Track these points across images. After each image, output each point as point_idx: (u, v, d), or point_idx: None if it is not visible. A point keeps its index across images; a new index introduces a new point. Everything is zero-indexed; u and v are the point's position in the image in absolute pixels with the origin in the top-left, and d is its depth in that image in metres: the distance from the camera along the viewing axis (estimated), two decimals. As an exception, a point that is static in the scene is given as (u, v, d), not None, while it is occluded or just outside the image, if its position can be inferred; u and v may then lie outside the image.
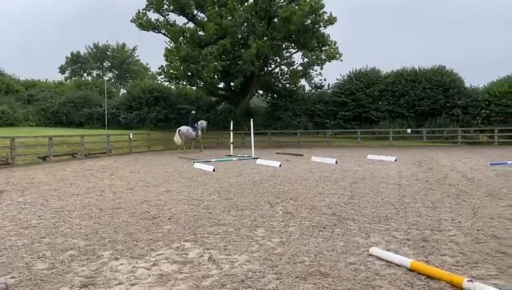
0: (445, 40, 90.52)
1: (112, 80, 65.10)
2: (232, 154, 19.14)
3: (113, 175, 11.86)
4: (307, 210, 6.50)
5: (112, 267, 4.03)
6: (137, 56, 67.10)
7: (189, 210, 6.65)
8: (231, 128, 20.69)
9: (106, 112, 33.95)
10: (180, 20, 32.51)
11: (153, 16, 31.26)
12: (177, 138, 22.86)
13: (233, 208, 6.74)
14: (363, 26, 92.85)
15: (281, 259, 4.15)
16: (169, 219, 6.06)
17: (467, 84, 30.72)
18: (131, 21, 30.82)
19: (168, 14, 31.60)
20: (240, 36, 29.67)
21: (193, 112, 25.32)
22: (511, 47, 74.02)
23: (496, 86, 28.93)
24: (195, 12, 31.97)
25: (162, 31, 31.25)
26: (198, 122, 23.97)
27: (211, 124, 32.66)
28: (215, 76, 31.02)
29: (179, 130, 22.86)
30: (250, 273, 3.77)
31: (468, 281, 3.21)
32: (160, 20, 31.27)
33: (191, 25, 31.88)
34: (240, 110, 32.03)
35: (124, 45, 65.24)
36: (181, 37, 30.21)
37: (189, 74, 29.55)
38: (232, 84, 32.71)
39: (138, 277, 3.78)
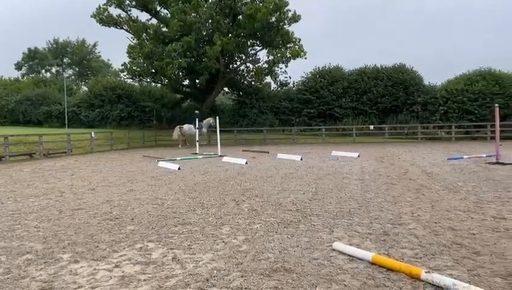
0: (407, 39, 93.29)
1: (72, 77, 63.06)
2: (197, 152, 18.98)
3: (74, 175, 11.49)
4: (272, 207, 6.53)
5: (71, 271, 3.90)
6: (99, 52, 65.35)
7: (153, 210, 6.54)
8: (197, 126, 20.50)
9: (66, 110, 32.83)
10: (143, 16, 31.88)
11: (114, 11, 30.49)
12: (174, 133, 25.03)
13: (198, 207, 6.68)
14: (331, 25, 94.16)
15: (245, 257, 4.14)
16: (132, 219, 5.93)
17: (426, 82, 31.86)
18: (91, 16, 29.90)
19: (130, 10, 30.94)
20: (204, 33, 29.41)
21: (196, 111, 26.08)
22: (468, 46, 77.15)
23: (453, 84, 30.12)
24: (158, 8, 31.41)
25: (124, 27, 30.51)
26: (204, 121, 25.37)
27: (176, 121, 32.29)
28: (180, 73, 30.69)
29: (181, 127, 24.82)
30: (215, 271, 3.75)
31: (425, 272, 3.32)
32: (122, 15, 30.52)
33: (154, 21, 31.34)
34: (206, 108, 31.80)
35: (84, 41, 63.28)
36: (144, 34, 29.63)
37: (153, 71, 29.07)
38: (197, 81, 32.42)
39: (99, 279, 3.68)
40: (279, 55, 29.80)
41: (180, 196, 7.79)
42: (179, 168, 12.18)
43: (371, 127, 28.47)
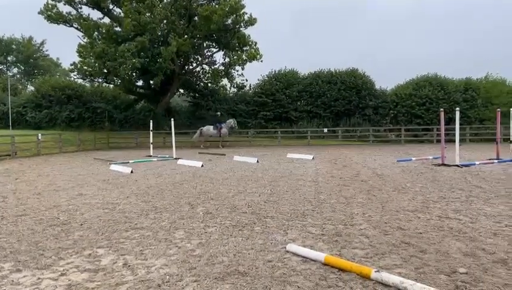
0: (360, 43, 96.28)
1: (17, 76, 59.87)
2: (152, 154, 18.58)
3: (18, 179, 10.88)
4: (227, 210, 6.49)
5: (13, 281, 3.67)
6: (47, 51, 62.46)
7: (104, 214, 6.31)
8: (151, 127, 20.08)
9: (10, 110, 31.09)
10: (95, 15, 30.85)
11: (64, 8, 29.28)
12: (195, 135, 25.80)
13: (151, 211, 6.52)
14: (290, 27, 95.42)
15: (199, 261, 4.08)
16: (81, 224, 5.69)
17: (377, 86, 33.02)
18: (39, 13, 28.55)
19: (81, 8, 29.82)
20: (159, 33, 28.90)
21: (218, 113, 27.78)
22: (420, 51, 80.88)
23: (402, 89, 31.43)
24: (111, 6, 30.51)
25: (74, 25, 29.38)
26: (226, 121, 25.93)
27: (129, 123, 31.47)
28: (134, 74, 29.91)
29: (201, 129, 25.51)
30: (167, 277, 3.66)
31: (375, 271, 3.41)
32: (72, 13, 29.37)
33: (107, 20, 30.36)
34: (161, 109, 31.24)
35: (31, 39, 60.27)
36: (96, 33, 28.63)
37: (105, 71, 28.13)
38: (151, 82, 31.73)
39: (43, 289, 3.49)
40: (235, 57, 29.86)
41: (132, 199, 7.57)
42: (131, 171, 11.86)
43: (325, 130, 29.12)
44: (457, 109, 13.22)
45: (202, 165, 13.34)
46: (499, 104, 26.36)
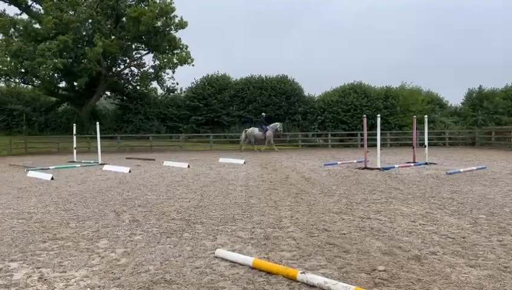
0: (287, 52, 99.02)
1: None
2: (75, 160, 17.59)
3: None
4: (155, 216, 6.31)
5: None
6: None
7: (18, 225, 5.83)
8: (74, 131, 19.02)
9: None
10: (12, 10, 28.69)
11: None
12: (242, 138, 25.47)
13: (72, 220, 6.14)
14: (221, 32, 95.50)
15: (124, 270, 3.91)
16: (-9, 237, 5.20)
17: (306, 93, 34.19)
18: None
19: (-5, 2, 27.56)
20: (84, 33, 27.56)
21: (263, 114, 27.37)
22: (345, 61, 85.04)
23: (329, 96, 32.84)
24: (29, 2, 28.57)
25: (-13, 20, 27.06)
26: (271, 125, 25.94)
27: (50, 127, 29.59)
28: (55, 74, 28.18)
29: (246, 131, 25.07)
30: (88, 289, 3.46)
31: (301, 273, 3.49)
32: (-15, 7, 27.03)
33: (25, 16, 28.33)
34: (85, 112, 29.71)
35: None
36: (12, 29, 26.59)
37: (23, 70, 26.20)
38: (75, 84, 30.12)
39: None
40: (165, 60, 29.31)
41: (51, 208, 7.08)
42: (52, 178, 11.12)
43: (257, 134, 29.50)
44: (379, 115, 14.08)
45: (130, 171, 12.89)
46: (415, 111, 28.54)
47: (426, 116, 16.52)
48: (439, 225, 5.51)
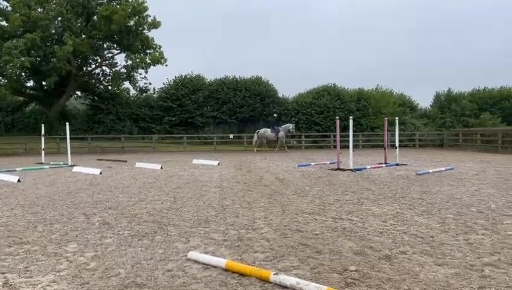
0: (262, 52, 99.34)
1: None
2: (43, 161, 17.08)
3: None
4: (127, 219, 6.19)
5: None
6: None
7: (-18, 229, 5.60)
8: (43, 132, 18.47)
9: None
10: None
11: None
12: (254, 139, 25.55)
13: (40, 223, 5.95)
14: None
15: (93, 275, 3.81)
16: (-48, 242, 4.98)
17: (280, 95, 34.36)
18: None
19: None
20: (53, 31, 26.83)
21: (275, 115, 28.22)
22: (317, 64, 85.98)
23: (303, 97, 33.12)
24: (-5, -2, 27.61)
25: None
26: (283, 126, 26.32)
27: (17, 127, 28.69)
28: (22, 73, 27.31)
29: (257, 132, 25.08)
30: (55, 295, 3.35)
31: (274, 274, 3.49)
32: None
33: (-10, 12, 27.38)
34: (54, 113, 28.92)
35: None
36: (-24, 26, 25.65)
37: (-13, 69, 25.31)
38: (44, 83, 29.28)
39: None
40: (138, 60, 28.87)
41: (18, 211, 6.85)
42: (18, 180, 10.75)
43: (231, 136, 29.50)
44: (351, 117, 14.30)
45: (101, 173, 12.62)
46: (386, 113, 29.13)
47: (397, 118, 16.90)
48: (409, 224, 5.63)
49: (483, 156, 20.58)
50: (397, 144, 15.91)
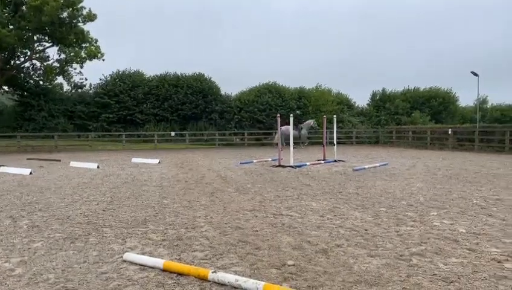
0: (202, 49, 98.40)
1: None
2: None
3: None
4: (58, 221, 5.86)
5: None
6: None
7: None
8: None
9: None
10: None
11: None
12: (277, 137, 23.71)
13: (-41, 229, 5.47)
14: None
15: (19, 281, 3.57)
16: None
17: (222, 92, 34.23)
18: None
19: None
20: (-24, 20, 24.79)
21: (297, 111, 28.56)
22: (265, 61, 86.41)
23: (245, 95, 33.24)
24: None
25: None
26: (305, 122, 26.25)
27: None
28: None
29: (280, 129, 24.01)
30: (-26, 306, 3.09)
31: (212, 272, 3.47)
32: None
33: None
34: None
35: None
36: None
37: None
38: (-35, 77, 27.01)
39: None
40: (72, 54, 27.45)
41: None
42: None
43: (172, 133, 28.94)
44: (292, 115, 14.57)
45: (31, 173, 11.86)
46: (325, 111, 30.02)
47: (335, 116, 17.46)
48: (345, 218, 5.85)
49: (414, 152, 21.88)
50: (335, 141, 16.46)
